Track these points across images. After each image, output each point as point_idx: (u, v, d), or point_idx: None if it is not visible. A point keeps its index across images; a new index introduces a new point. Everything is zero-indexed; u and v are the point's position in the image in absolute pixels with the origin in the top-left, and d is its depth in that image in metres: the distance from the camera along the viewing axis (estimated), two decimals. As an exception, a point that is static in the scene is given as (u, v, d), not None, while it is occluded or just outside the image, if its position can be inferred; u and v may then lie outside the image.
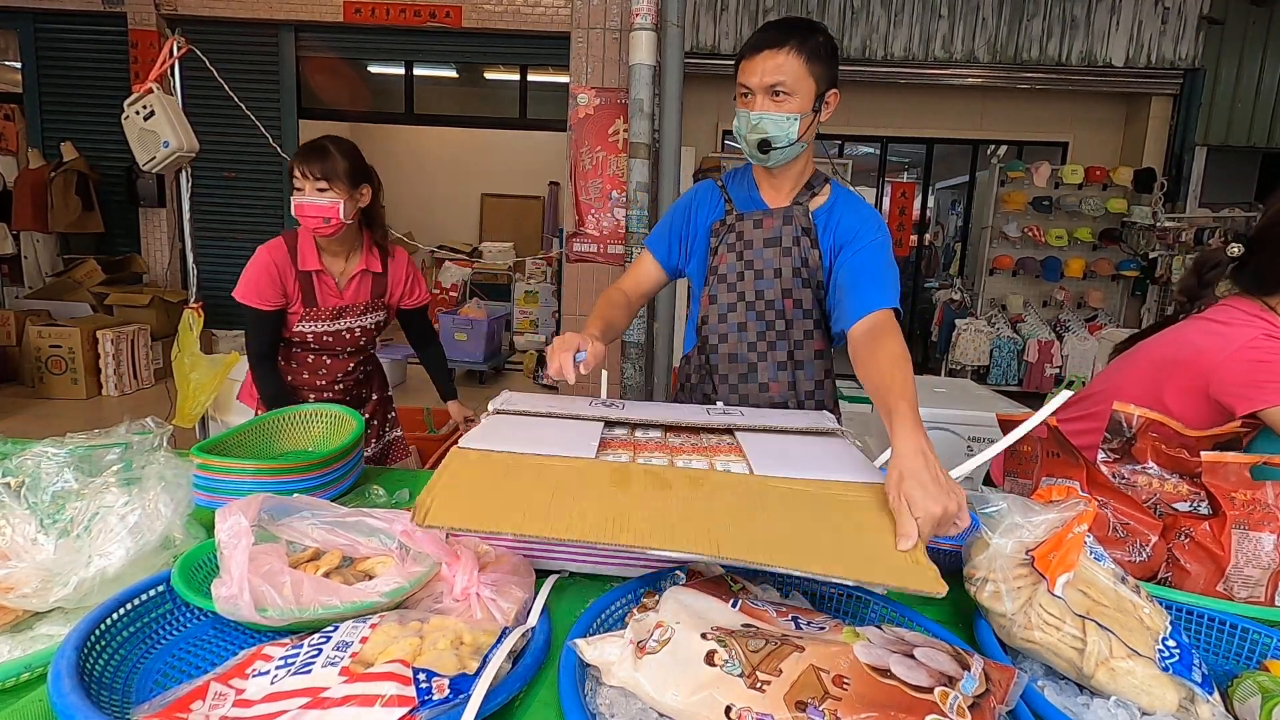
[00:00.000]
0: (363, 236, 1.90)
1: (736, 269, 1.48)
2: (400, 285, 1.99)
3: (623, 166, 4.54)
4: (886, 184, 7.41)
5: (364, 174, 1.82)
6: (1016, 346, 6.35)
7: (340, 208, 1.74)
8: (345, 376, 1.96)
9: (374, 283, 1.93)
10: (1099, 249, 6.68)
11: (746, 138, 1.37)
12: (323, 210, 1.74)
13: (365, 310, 1.92)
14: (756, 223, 1.47)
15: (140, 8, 5.52)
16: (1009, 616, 0.77)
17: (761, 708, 0.58)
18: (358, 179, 1.79)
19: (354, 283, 1.89)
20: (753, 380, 1.51)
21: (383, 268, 1.94)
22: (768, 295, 1.47)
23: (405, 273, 1.99)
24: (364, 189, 1.82)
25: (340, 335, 1.90)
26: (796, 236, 1.45)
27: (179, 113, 2.87)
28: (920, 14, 6.10)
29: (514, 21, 5.37)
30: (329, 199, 1.74)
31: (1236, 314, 1.27)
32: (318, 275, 1.85)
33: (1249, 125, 6.25)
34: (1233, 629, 0.86)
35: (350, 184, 1.77)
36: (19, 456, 0.92)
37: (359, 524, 0.86)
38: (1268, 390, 1.16)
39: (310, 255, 1.83)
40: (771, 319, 1.49)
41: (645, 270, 1.58)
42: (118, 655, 0.73)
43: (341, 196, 1.75)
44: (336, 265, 1.89)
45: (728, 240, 1.49)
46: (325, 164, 1.73)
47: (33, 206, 5.62)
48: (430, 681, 0.62)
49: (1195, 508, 1.03)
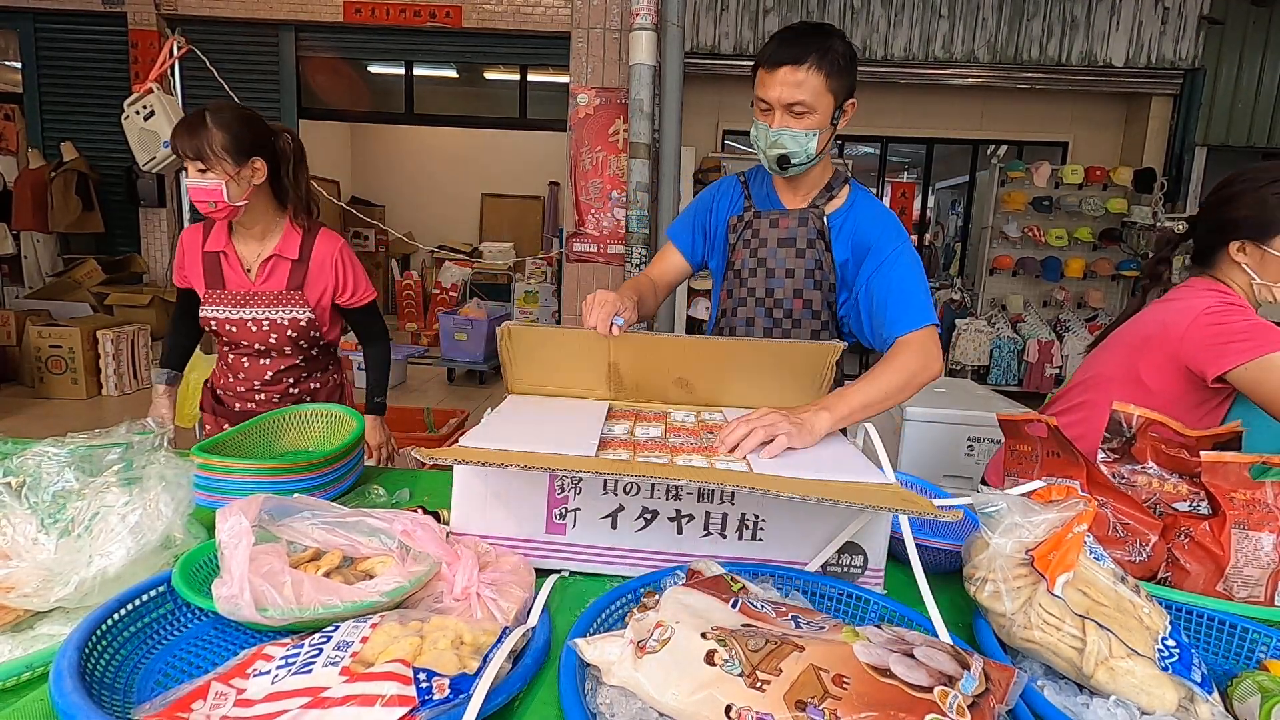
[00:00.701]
0: (284, 216, 1.68)
1: (750, 265, 1.50)
2: (325, 278, 1.70)
3: (623, 166, 4.54)
4: (886, 184, 7.41)
5: (254, 145, 1.56)
6: (1017, 346, 6.36)
7: (223, 189, 1.51)
8: (266, 386, 1.72)
9: (291, 271, 1.67)
10: (1099, 249, 6.69)
11: (766, 152, 1.38)
12: (206, 193, 1.52)
13: (277, 302, 1.66)
14: (773, 221, 1.48)
15: (140, 8, 5.52)
16: (1008, 616, 0.77)
17: (761, 707, 0.59)
18: (245, 152, 1.54)
19: (265, 268, 1.66)
20: None
21: (301, 255, 1.68)
22: (777, 294, 1.49)
23: (333, 263, 1.71)
24: (256, 163, 1.57)
25: (246, 327, 1.65)
26: (811, 239, 1.46)
27: (179, 113, 2.88)
28: (920, 14, 6.10)
29: (514, 21, 5.37)
30: (210, 180, 1.51)
31: (1193, 289, 1.39)
32: (224, 257, 1.65)
33: (1249, 125, 6.26)
34: (1232, 629, 0.86)
35: (234, 160, 1.53)
36: (19, 456, 0.92)
37: (359, 524, 0.87)
38: (1230, 350, 1.24)
39: (219, 234, 1.64)
40: (779, 317, 1.50)
41: (670, 261, 1.59)
42: (119, 655, 0.73)
43: (223, 176, 1.51)
44: (249, 248, 1.67)
45: (744, 237, 1.51)
46: (196, 141, 1.49)
47: (33, 206, 5.63)
48: (431, 681, 0.62)
49: (1195, 507, 1.03)
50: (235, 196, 1.54)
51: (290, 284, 1.67)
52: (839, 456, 1.04)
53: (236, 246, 1.66)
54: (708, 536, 0.95)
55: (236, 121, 1.54)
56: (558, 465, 0.84)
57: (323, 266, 1.70)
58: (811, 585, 0.90)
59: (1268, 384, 1.20)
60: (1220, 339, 1.26)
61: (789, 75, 1.31)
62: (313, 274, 1.69)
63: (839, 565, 0.95)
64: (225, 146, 1.51)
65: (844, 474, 0.95)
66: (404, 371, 5.99)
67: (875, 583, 0.95)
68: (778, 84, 1.32)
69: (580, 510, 0.95)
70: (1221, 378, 1.25)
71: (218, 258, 1.66)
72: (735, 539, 0.95)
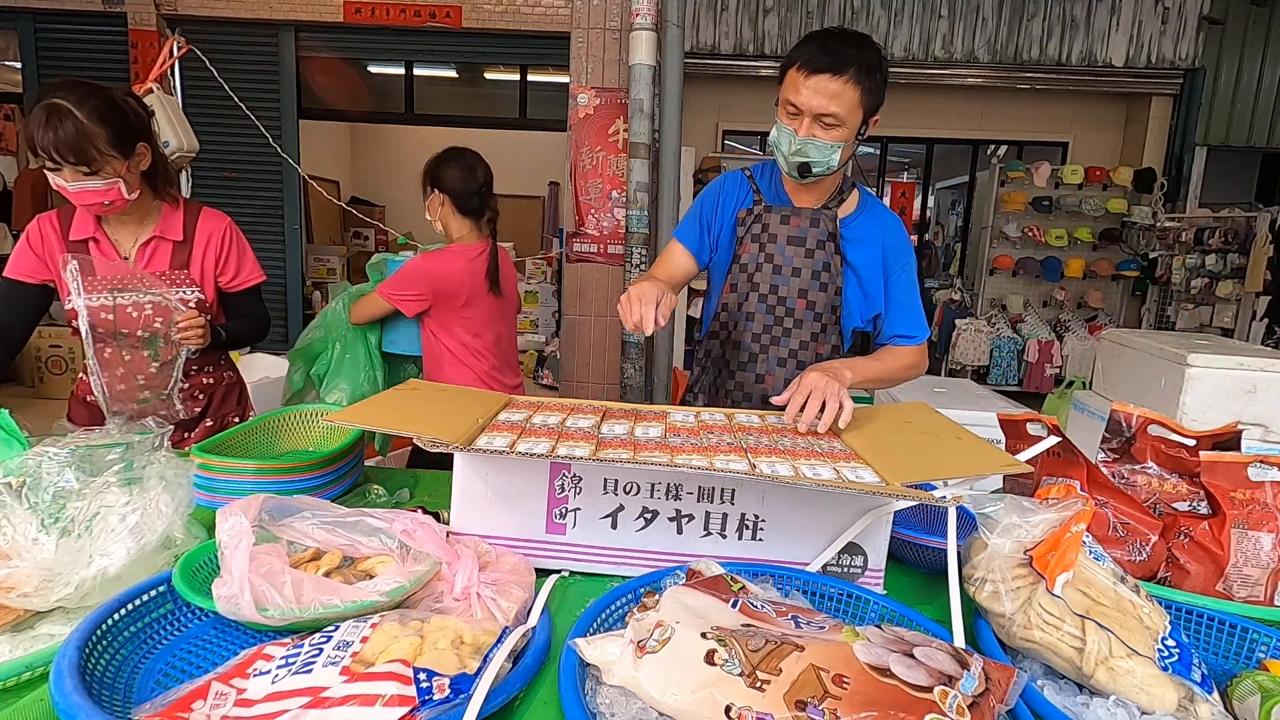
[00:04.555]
0: (157, 196, 1.56)
1: (757, 260, 1.49)
2: (208, 256, 1.58)
3: (623, 166, 4.53)
4: (886, 184, 7.41)
5: (135, 130, 1.43)
6: (1016, 346, 6.36)
7: (121, 187, 1.39)
8: (152, 382, 1.57)
9: (174, 252, 1.56)
10: (1099, 249, 6.69)
11: (788, 158, 1.35)
12: (99, 195, 1.39)
13: (161, 283, 1.54)
14: (784, 218, 1.47)
15: (140, 8, 5.52)
16: (1008, 616, 0.77)
17: (761, 707, 0.59)
18: (132, 140, 1.41)
19: (145, 251, 1.54)
20: (750, 370, 1.52)
21: (185, 235, 1.56)
22: (781, 291, 1.48)
23: (220, 242, 1.60)
24: (141, 149, 1.45)
25: (126, 313, 1.50)
26: (821, 240, 1.45)
27: (179, 113, 2.87)
28: (920, 14, 6.10)
29: (514, 21, 5.37)
30: (103, 181, 1.37)
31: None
32: (95, 243, 1.51)
33: (1249, 125, 6.26)
34: (1232, 629, 0.86)
35: (123, 153, 1.39)
36: (19, 456, 0.92)
37: (359, 524, 0.87)
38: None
39: (85, 222, 1.50)
40: (781, 315, 1.49)
41: (677, 260, 1.56)
42: (119, 655, 0.73)
43: (116, 174, 1.38)
44: (124, 232, 1.54)
45: (753, 230, 1.49)
46: (79, 147, 1.33)
47: (33, 206, 5.63)
48: (431, 681, 0.62)
49: (1195, 507, 1.03)
50: (131, 189, 1.42)
51: (174, 265, 1.56)
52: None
53: (109, 232, 1.52)
54: (708, 536, 0.95)
55: (112, 111, 1.38)
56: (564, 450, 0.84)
57: (206, 246, 1.58)
58: (811, 585, 0.90)
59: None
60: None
61: (826, 84, 1.26)
62: (197, 254, 1.58)
63: (839, 566, 0.95)
64: (111, 142, 1.36)
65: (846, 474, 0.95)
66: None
67: (875, 583, 0.95)
68: (813, 91, 1.27)
69: (580, 510, 0.95)
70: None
71: (86, 246, 1.51)
72: (735, 539, 0.95)
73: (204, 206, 1.62)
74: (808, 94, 1.27)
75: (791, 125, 1.32)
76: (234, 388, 1.79)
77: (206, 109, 5.45)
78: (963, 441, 1.04)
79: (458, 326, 2.07)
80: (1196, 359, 2.28)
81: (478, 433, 1.03)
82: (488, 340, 2.12)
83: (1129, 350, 2.65)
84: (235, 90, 5.44)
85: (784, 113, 1.33)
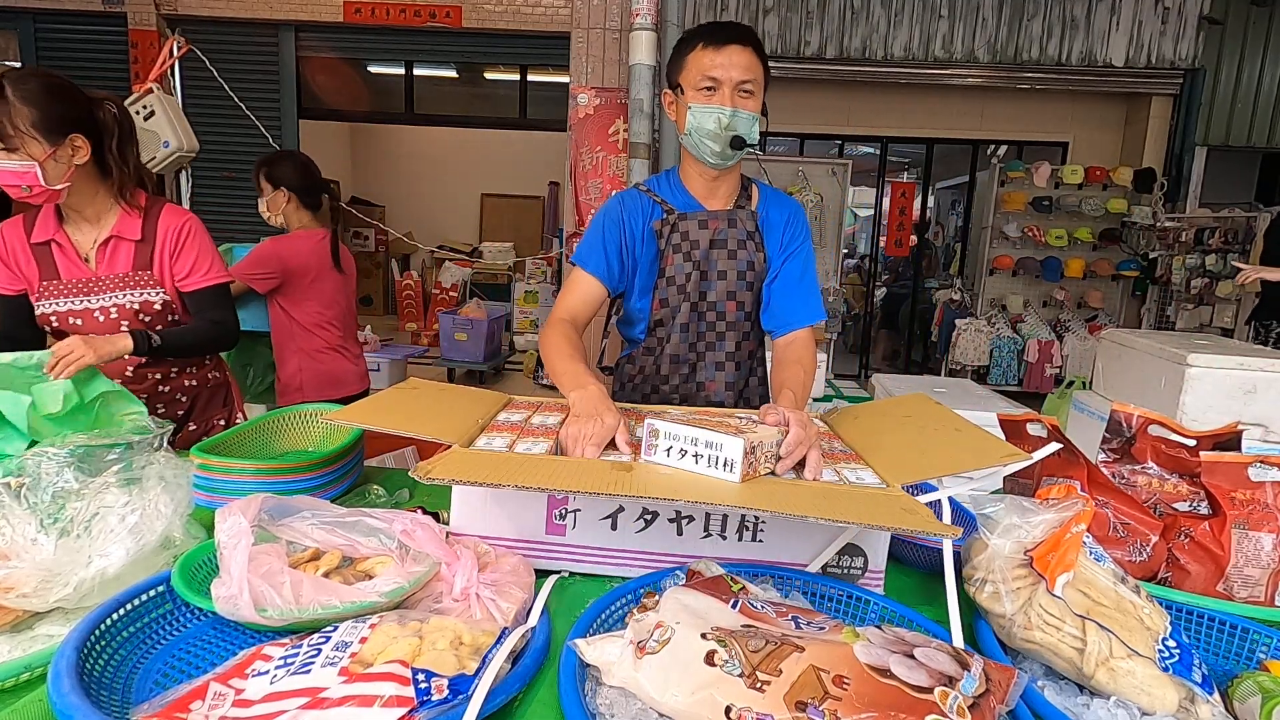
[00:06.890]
0: (116, 195, 1.52)
1: (685, 270, 1.45)
2: (169, 255, 1.54)
3: (623, 166, 4.54)
4: (886, 184, 7.40)
5: (73, 121, 1.39)
6: (1016, 346, 6.35)
7: (38, 172, 1.34)
8: (129, 385, 1.51)
9: (135, 253, 1.53)
10: (1099, 249, 6.68)
11: (720, 134, 1.33)
12: (15, 176, 1.35)
13: (122, 285, 1.51)
14: (701, 224, 1.44)
15: (140, 8, 5.52)
16: (1008, 617, 0.77)
17: (761, 708, 0.58)
18: (60, 130, 1.37)
19: (103, 252, 1.51)
20: (692, 381, 1.52)
21: (145, 234, 1.53)
22: (710, 297, 1.47)
23: (179, 240, 1.55)
24: (76, 141, 1.40)
25: (92, 318, 1.50)
26: (742, 240, 1.45)
27: (179, 113, 2.87)
28: (920, 14, 6.09)
29: (514, 21, 5.37)
30: (18, 162, 1.33)
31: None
32: (57, 246, 1.50)
33: (1249, 125, 6.25)
34: (1232, 629, 0.86)
35: (46, 139, 1.35)
36: (19, 456, 0.92)
37: (359, 524, 0.87)
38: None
39: (47, 222, 1.49)
40: (713, 320, 1.49)
41: (587, 290, 1.43)
42: (118, 655, 0.73)
43: (36, 156, 1.34)
44: (83, 233, 1.52)
45: (673, 241, 1.44)
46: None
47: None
48: (429, 682, 0.62)
49: (1195, 508, 1.03)
50: (54, 179, 1.38)
51: (136, 265, 1.53)
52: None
53: (69, 233, 1.51)
54: (708, 537, 0.95)
55: (46, 94, 1.35)
56: (556, 485, 0.83)
57: (166, 245, 1.54)
58: (811, 586, 0.90)
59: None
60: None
61: (739, 54, 1.29)
62: (159, 253, 1.54)
63: (839, 567, 0.95)
64: (35, 123, 1.33)
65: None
66: (404, 372, 5.98)
67: (875, 584, 0.95)
68: (729, 62, 1.29)
69: (580, 511, 0.95)
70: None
71: (49, 247, 1.50)
72: (735, 540, 0.95)
73: (167, 203, 1.58)
74: (724, 64, 1.30)
75: (713, 101, 1.32)
76: (220, 389, 1.75)
77: (206, 109, 5.45)
78: (962, 433, 1.04)
79: (309, 301, 2.34)
80: (1196, 359, 2.28)
81: (477, 433, 1.03)
82: (337, 311, 2.41)
83: (1129, 350, 2.65)
84: (235, 90, 5.45)
85: (699, 94, 1.33)
